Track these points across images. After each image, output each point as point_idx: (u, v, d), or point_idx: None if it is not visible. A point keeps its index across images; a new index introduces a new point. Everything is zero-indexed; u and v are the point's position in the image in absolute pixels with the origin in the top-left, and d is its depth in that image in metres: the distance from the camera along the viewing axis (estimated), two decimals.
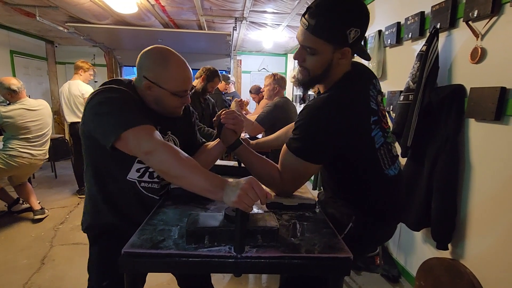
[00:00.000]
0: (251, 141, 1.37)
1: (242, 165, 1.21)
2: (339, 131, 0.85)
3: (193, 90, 2.41)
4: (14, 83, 2.47)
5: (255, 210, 0.96)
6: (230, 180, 0.74)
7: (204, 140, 1.26)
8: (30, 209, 2.81)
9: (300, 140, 0.88)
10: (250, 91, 4.29)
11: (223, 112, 1.05)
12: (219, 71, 2.57)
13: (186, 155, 0.81)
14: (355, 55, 0.97)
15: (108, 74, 5.14)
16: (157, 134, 0.84)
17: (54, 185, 3.91)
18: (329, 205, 1.07)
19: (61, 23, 3.74)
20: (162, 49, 0.95)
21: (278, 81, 2.46)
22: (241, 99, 2.44)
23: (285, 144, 0.93)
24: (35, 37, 4.85)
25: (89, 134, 0.89)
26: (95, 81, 5.59)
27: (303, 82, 0.96)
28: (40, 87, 5.12)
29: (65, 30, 3.87)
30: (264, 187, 0.72)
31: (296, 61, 0.95)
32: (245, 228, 0.68)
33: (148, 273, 1.02)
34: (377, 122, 0.91)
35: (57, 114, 5.53)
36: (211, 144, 1.19)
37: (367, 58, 0.99)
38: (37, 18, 3.33)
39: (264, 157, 1.03)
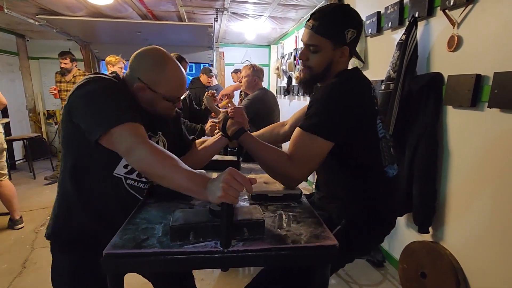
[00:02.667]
0: None
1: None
2: (350, 109, 0.90)
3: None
4: None
5: (240, 203, 0.96)
6: (214, 175, 0.73)
7: (193, 136, 1.24)
8: (7, 213, 2.68)
9: (313, 116, 0.91)
10: (231, 73, 4.43)
11: (232, 108, 1.11)
12: (182, 56, 2.34)
13: (169, 154, 0.78)
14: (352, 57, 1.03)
15: (86, 69, 4.93)
16: (142, 132, 0.81)
17: (33, 186, 3.76)
18: (320, 207, 1.07)
19: (32, 15, 3.54)
20: (159, 51, 0.94)
21: (257, 72, 2.42)
22: (213, 92, 2.39)
23: (297, 126, 0.94)
24: (4, 31, 4.58)
25: (75, 123, 0.83)
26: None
27: (305, 80, 1.03)
28: (12, 84, 4.85)
29: (36, 23, 3.66)
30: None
31: (300, 60, 1.04)
32: (230, 222, 0.68)
33: (133, 274, 0.99)
34: (379, 112, 0.99)
35: (33, 112, 5.30)
36: (210, 140, 1.19)
37: (362, 60, 1.07)
38: (5, 10, 3.14)
39: (269, 144, 1.01)
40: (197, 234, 0.69)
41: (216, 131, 1.20)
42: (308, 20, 0.98)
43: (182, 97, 1.00)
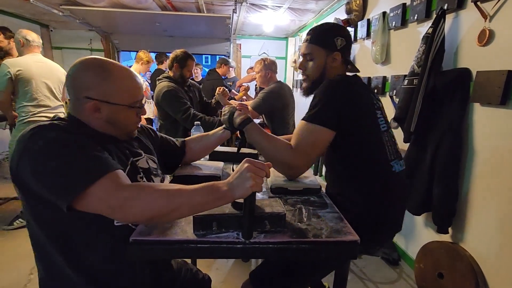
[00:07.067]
0: None
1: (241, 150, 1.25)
2: (349, 99, 0.99)
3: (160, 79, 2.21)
4: (32, 35, 2.29)
5: (260, 196, 0.97)
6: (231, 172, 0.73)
7: (182, 139, 1.19)
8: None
9: (314, 107, 0.99)
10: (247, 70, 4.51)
11: (239, 104, 1.21)
12: (189, 53, 2.20)
13: (161, 184, 0.70)
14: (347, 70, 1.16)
15: None
16: (125, 177, 0.69)
17: None
18: None
19: (56, 5, 3.63)
20: (97, 59, 0.78)
21: (269, 66, 2.42)
22: (224, 88, 2.37)
23: (301, 119, 1.02)
24: (29, 20, 4.72)
25: (39, 192, 0.66)
26: None
27: (307, 88, 1.16)
28: None
29: (60, 13, 3.76)
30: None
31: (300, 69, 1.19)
32: (253, 214, 0.69)
33: None
34: (379, 108, 1.05)
35: None
36: (211, 132, 1.20)
37: (357, 70, 1.19)
38: (31, 0, 3.23)
39: (273, 135, 1.06)
40: (220, 224, 0.71)
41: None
42: (306, 37, 1.15)
43: (146, 101, 0.90)
